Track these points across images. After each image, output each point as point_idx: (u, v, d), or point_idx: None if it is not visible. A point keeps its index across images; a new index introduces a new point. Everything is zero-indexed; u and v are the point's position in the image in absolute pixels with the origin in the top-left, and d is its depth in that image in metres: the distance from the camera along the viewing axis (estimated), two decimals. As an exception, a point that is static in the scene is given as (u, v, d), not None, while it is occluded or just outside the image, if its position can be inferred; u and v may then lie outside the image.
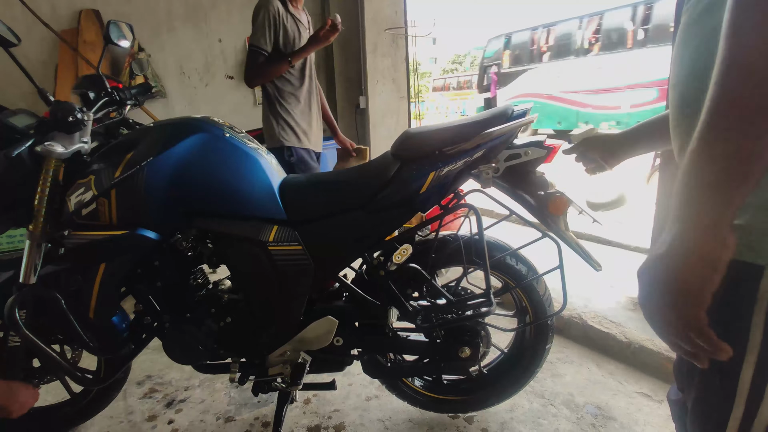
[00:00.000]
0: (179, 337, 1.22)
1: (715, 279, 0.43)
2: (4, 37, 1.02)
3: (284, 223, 1.20)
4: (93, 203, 1.11)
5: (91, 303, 1.16)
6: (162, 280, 1.24)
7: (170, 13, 3.70)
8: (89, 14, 3.64)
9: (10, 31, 1.04)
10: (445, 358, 1.29)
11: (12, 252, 2.83)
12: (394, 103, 3.53)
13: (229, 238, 1.19)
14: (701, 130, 0.43)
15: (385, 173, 1.20)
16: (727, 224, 0.42)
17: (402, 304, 1.24)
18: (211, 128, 1.20)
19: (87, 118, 1.17)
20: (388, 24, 3.36)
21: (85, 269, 1.15)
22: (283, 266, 1.19)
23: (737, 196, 0.42)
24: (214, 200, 1.18)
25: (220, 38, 3.78)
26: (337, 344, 1.28)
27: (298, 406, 1.52)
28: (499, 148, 1.18)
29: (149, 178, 1.11)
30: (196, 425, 1.45)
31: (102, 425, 1.47)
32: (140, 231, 1.14)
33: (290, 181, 1.27)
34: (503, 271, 1.31)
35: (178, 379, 1.69)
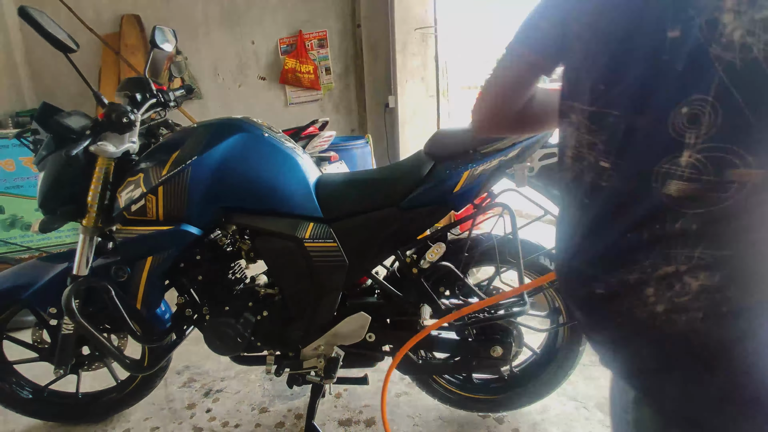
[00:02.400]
0: (218, 329, 1.27)
1: None
2: (65, 43, 1.09)
3: (320, 220, 1.23)
4: (142, 200, 1.17)
5: (138, 294, 1.22)
6: (203, 273, 1.29)
7: (206, 16, 3.82)
8: (131, 19, 3.80)
9: (69, 38, 1.11)
10: (477, 356, 1.29)
11: (59, 246, 2.99)
12: (423, 102, 3.53)
13: (267, 234, 1.23)
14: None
15: (419, 172, 1.21)
16: None
17: (434, 301, 1.25)
18: (251, 128, 1.24)
19: (136, 119, 1.23)
20: (418, 23, 3.35)
21: (133, 262, 1.22)
22: (318, 262, 1.22)
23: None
24: (252, 197, 1.22)
25: (253, 40, 3.87)
26: (370, 340, 1.30)
27: (330, 400, 1.55)
28: (534, 147, 1.17)
29: (193, 176, 1.16)
30: (233, 414, 1.50)
31: (145, 411, 1.55)
32: (184, 226, 1.19)
33: (325, 180, 1.30)
34: (537, 271, 1.30)
35: (215, 370, 1.75)
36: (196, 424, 1.47)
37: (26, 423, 1.53)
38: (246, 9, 3.83)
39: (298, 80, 3.84)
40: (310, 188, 1.25)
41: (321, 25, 3.86)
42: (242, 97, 3.94)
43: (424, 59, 3.47)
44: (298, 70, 3.80)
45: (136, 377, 1.51)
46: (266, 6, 3.82)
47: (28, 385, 1.49)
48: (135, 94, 1.35)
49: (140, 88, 1.38)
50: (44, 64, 3.69)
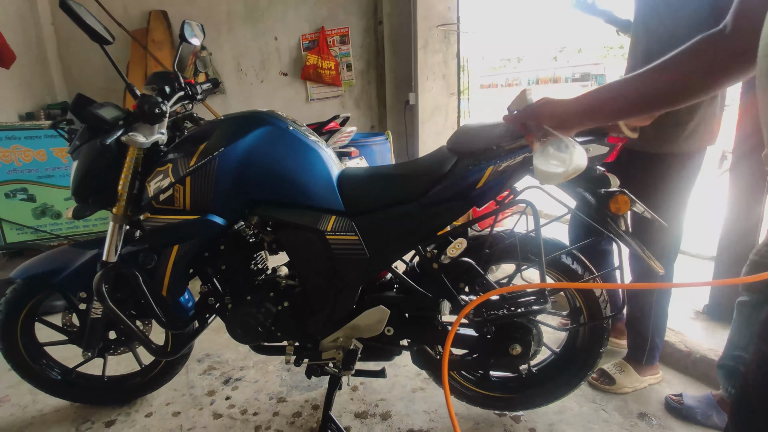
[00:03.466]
0: (240, 318, 1.30)
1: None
2: (102, 35, 1.12)
3: (342, 213, 1.24)
4: (170, 189, 1.20)
5: (164, 281, 1.26)
6: (226, 263, 1.32)
7: (230, 13, 3.88)
8: (158, 15, 3.89)
9: (106, 30, 1.14)
10: (495, 354, 1.28)
11: (88, 234, 3.09)
12: (443, 100, 3.52)
13: (289, 226, 1.25)
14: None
15: (441, 167, 1.21)
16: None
17: (454, 297, 1.25)
18: (276, 121, 1.26)
19: (167, 111, 1.26)
20: (440, 20, 3.34)
21: (160, 250, 1.25)
22: (339, 255, 1.23)
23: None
24: (276, 189, 1.23)
25: (275, 36, 3.91)
26: (388, 334, 1.30)
27: (346, 392, 1.57)
28: (561, 144, 1.16)
29: (220, 168, 1.19)
30: (251, 403, 1.53)
31: (167, 396, 1.59)
32: (210, 216, 1.22)
33: (348, 174, 1.31)
34: (558, 269, 1.28)
35: (234, 359, 1.78)
36: (216, 410, 1.51)
37: (54, 403, 1.59)
38: (269, 5, 3.87)
39: (320, 76, 3.87)
40: (332, 182, 1.26)
41: (343, 21, 3.88)
42: (264, 93, 4.00)
43: (446, 57, 3.46)
44: (319, 66, 3.84)
45: (159, 363, 1.55)
46: (289, 2, 3.86)
47: (57, 367, 1.54)
48: (163, 87, 1.39)
49: (167, 82, 1.41)
50: (74, 59, 3.81)
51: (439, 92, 3.48)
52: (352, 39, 3.91)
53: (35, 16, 3.65)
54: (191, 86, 1.48)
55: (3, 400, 1.62)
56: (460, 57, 3.48)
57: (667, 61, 0.67)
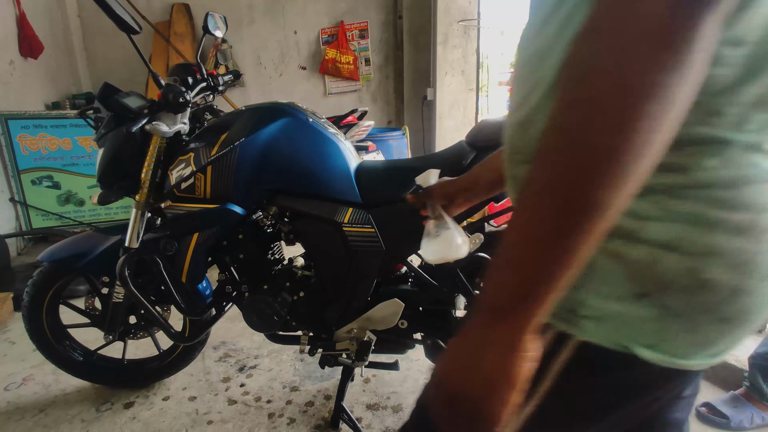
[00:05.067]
0: (256, 307, 1.32)
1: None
2: (130, 24, 1.14)
3: (359, 205, 1.25)
4: (191, 178, 1.22)
5: (184, 268, 1.28)
6: (244, 252, 1.33)
7: (251, 6, 3.91)
8: (180, 8, 3.94)
9: (133, 20, 1.16)
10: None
11: (110, 222, 3.16)
12: (461, 95, 3.49)
13: (307, 216, 1.26)
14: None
15: (460, 161, 1.21)
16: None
17: (470, 292, 1.24)
18: (296, 113, 1.27)
19: (190, 100, 1.28)
20: (461, 14, 3.31)
21: (181, 237, 1.27)
22: (356, 247, 1.24)
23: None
24: (295, 180, 1.25)
25: (295, 30, 3.93)
26: (402, 327, 1.31)
27: (358, 384, 1.58)
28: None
29: (240, 157, 1.20)
30: (265, 391, 1.55)
31: (183, 381, 1.62)
32: (229, 206, 1.23)
33: (366, 166, 1.31)
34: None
35: (249, 348, 1.81)
36: (231, 396, 1.53)
37: (76, 384, 1.64)
38: (289, -1, 3.89)
39: (338, 70, 3.88)
40: (350, 174, 1.27)
41: (363, 15, 3.88)
42: (282, 86, 4.02)
43: (465, 52, 3.43)
44: (338, 61, 3.84)
45: (176, 349, 1.59)
46: (309, -4, 3.87)
47: (79, 349, 1.59)
48: (185, 78, 1.41)
49: (189, 74, 1.43)
50: (98, 50, 3.90)
51: (458, 88, 3.46)
52: (371, 33, 3.90)
53: (62, 7, 3.74)
54: (213, 77, 1.50)
55: (27, 379, 1.68)
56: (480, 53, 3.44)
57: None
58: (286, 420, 1.42)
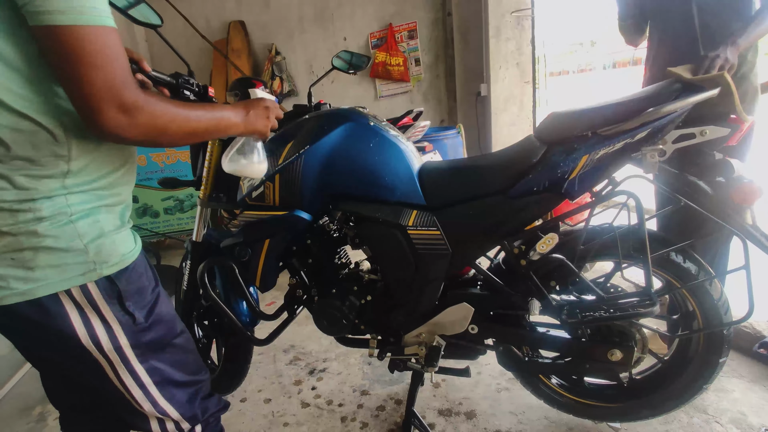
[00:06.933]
0: (326, 311, 1.33)
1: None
2: (147, 21, 1.16)
3: (423, 208, 1.22)
4: (261, 187, 1.26)
5: (257, 273, 1.33)
6: (312, 257, 1.36)
7: (301, 18, 4.02)
8: (236, 25, 4.14)
9: (154, 12, 1.19)
10: (591, 359, 1.19)
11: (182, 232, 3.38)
12: (517, 89, 3.36)
13: (371, 220, 1.25)
14: None
15: (530, 157, 1.15)
16: None
17: (544, 296, 1.18)
18: (358, 118, 1.27)
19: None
20: (514, 5, 3.19)
21: (253, 244, 1.32)
22: (421, 250, 1.21)
23: None
24: (358, 184, 1.25)
25: (344, 36, 3.99)
26: (472, 332, 1.27)
27: (428, 388, 1.55)
28: (667, 128, 1.04)
29: (306, 165, 1.22)
30: (336, 394, 1.57)
31: (258, 383, 1.69)
32: (297, 212, 1.26)
33: (429, 167, 1.29)
34: (667, 268, 1.15)
35: (317, 351, 1.85)
36: (304, 399, 1.57)
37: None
38: (337, 6, 3.96)
39: (388, 73, 3.89)
40: (413, 175, 1.25)
41: (411, 16, 3.86)
42: (334, 92, 4.09)
43: (519, 43, 3.30)
44: (388, 63, 3.85)
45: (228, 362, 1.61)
46: (356, 2, 3.91)
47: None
48: (246, 91, 1.47)
49: (248, 87, 1.49)
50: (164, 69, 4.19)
51: (513, 81, 3.33)
52: (420, 33, 3.87)
53: (131, 32, 4.06)
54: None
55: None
56: (535, 43, 3.30)
57: None
58: (359, 424, 1.43)
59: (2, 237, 0.65)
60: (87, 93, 0.60)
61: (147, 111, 0.64)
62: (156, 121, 0.66)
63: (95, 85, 0.60)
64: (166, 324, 0.82)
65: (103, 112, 0.61)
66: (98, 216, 0.72)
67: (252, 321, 1.48)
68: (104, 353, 0.74)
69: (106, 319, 0.73)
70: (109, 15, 0.63)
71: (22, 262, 0.66)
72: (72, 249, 0.69)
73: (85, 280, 0.71)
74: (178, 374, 0.84)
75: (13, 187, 0.65)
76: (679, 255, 1.16)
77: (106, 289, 0.73)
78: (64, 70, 0.60)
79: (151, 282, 0.82)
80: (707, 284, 1.13)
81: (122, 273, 0.75)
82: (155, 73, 1.16)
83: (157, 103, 0.67)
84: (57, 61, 0.60)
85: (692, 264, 1.15)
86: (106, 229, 0.73)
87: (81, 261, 0.70)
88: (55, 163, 0.67)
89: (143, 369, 0.78)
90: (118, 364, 0.76)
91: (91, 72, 0.60)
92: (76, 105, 0.62)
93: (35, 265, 0.67)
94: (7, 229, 0.65)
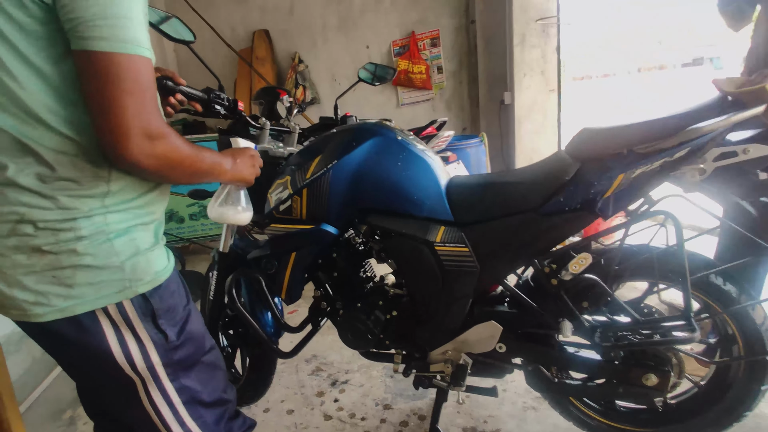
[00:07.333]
0: (351, 324, 1.33)
1: None
2: (180, 38, 1.20)
3: (451, 224, 1.21)
4: (289, 200, 1.26)
5: (283, 285, 1.33)
6: (338, 270, 1.36)
7: (325, 26, 4.06)
8: (261, 34, 4.21)
9: (187, 29, 1.22)
10: (624, 382, 1.15)
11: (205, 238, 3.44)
12: (541, 97, 3.32)
13: (398, 235, 1.25)
14: None
15: (562, 174, 1.12)
16: None
17: (576, 317, 1.15)
18: (385, 132, 1.27)
19: (265, 124, 1.36)
20: (539, 12, 3.15)
21: (280, 256, 1.33)
22: (449, 267, 1.20)
23: None
24: (385, 198, 1.24)
25: (367, 45, 4.01)
26: (500, 351, 1.24)
27: (452, 405, 1.53)
28: (708, 146, 1.00)
29: (333, 179, 1.23)
30: (359, 407, 1.57)
31: (281, 394, 1.70)
32: (324, 226, 1.26)
33: (457, 182, 1.28)
34: (706, 291, 1.11)
35: (339, 362, 1.85)
36: (326, 411, 1.57)
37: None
38: (360, 15, 3.98)
39: (410, 81, 3.88)
40: (441, 191, 1.24)
41: (434, 24, 3.85)
42: (355, 100, 4.10)
43: (544, 51, 3.25)
44: (410, 71, 3.85)
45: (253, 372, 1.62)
46: (379, 9, 3.92)
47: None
48: (270, 100, 1.49)
49: (273, 96, 1.51)
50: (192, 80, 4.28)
51: (537, 89, 3.29)
52: (443, 41, 3.86)
53: (160, 44, 4.18)
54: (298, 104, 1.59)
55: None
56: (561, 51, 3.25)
57: None
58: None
59: (44, 256, 0.67)
60: (118, 117, 0.62)
61: (168, 141, 0.67)
62: (173, 154, 0.68)
63: (127, 110, 0.62)
64: (196, 341, 0.83)
65: (130, 136, 0.63)
66: (134, 234, 0.74)
67: (276, 332, 1.48)
68: (137, 371, 0.75)
69: (139, 337, 0.74)
70: (148, 47, 0.65)
71: (61, 279, 0.68)
72: (109, 267, 0.70)
73: (120, 298, 0.72)
74: (207, 393, 0.84)
75: (56, 207, 0.67)
76: (719, 277, 1.11)
77: (140, 306, 0.74)
78: (99, 93, 0.62)
79: (183, 299, 0.83)
80: (750, 309, 1.08)
81: (156, 291, 0.76)
82: (188, 89, 1.19)
83: (177, 137, 0.69)
84: (93, 84, 0.62)
85: (733, 287, 1.10)
86: (141, 247, 0.74)
87: (117, 279, 0.71)
88: (96, 183, 0.69)
89: (173, 388, 0.79)
90: (149, 382, 0.76)
91: (125, 97, 0.62)
92: (102, 128, 0.64)
93: (74, 283, 0.68)
94: (49, 248, 0.67)
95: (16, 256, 0.67)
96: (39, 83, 0.63)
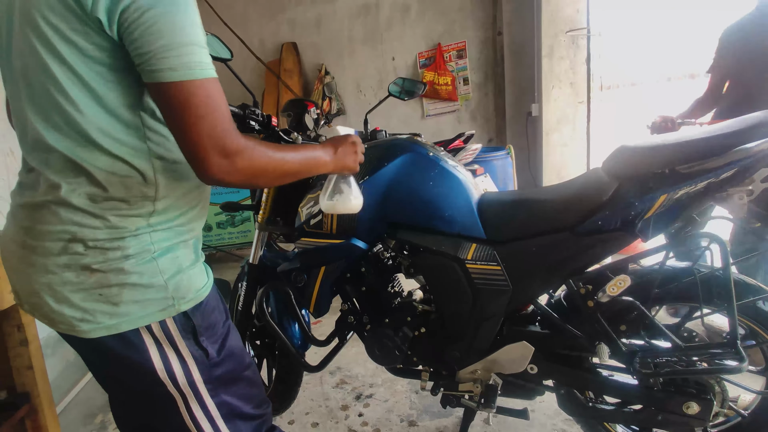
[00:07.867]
0: (378, 340, 1.32)
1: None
2: (218, 56, 1.23)
3: (483, 241, 1.19)
4: (319, 215, 1.27)
5: (312, 298, 1.34)
6: (366, 284, 1.36)
7: (351, 38, 4.11)
8: (289, 46, 4.29)
9: (224, 47, 1.26)
10: (664, 410, 1.10)
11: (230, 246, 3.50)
12: (570, 109, 3.26)
13: (428, 251, 1.24)
14: None
15: (600, 193, 1.09)
16: None
17: (614, 341, 1.11)
18: (416, 148, 1.27)
19: (295, 140, 1.37)
20: (568, 24, 3.12)
21: (309, 270, 1.33)
22: (480, 285, 1.18)
23: None
24: (416, 215, 1.24)
25: (393, 56, 4.04)
26: (531, 372, 1.21)
27: (479, 424, 1.50)
28: (756, 166, 0.96)
29: (364, 195, 1.23)
30: (383, 423, 1.55)
31: (305, 406, 1.70)
32: (353, 241, 1.26)
33: (489, 199, 1.26)
34: (754, 317, 1.06)
35: (363, 375, 1.84)
36: (351, 425, 1.56)
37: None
38: (387, 27, 4.01)
39: (436, 92, 3.88)
40: (473, 207, 1.22)
41: (459, 36, 3.85)
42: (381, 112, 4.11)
43: (573, 63, 3.21)
44: (436, 83, 3.85)
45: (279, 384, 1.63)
46: (406, 21, 3.95)
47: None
48: (299, 112, 1.51)
49: (301, 109, 1.53)
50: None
51: (566, 101, 3.24)
52: (469, 52, 3.85)
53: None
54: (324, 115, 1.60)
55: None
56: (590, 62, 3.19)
57: None
58: (407, 458, 1.39)
59: (93, 274, 0.69)
60: (194, 141, 0.64)
61: (246, 156, 0.68)
62: (254, 165, 0.69)
63: (201, 134, 0.64)
64: (236, 358, 0.84)
65: (208, 158, 0.65)
66: (177, 252, 0.75)
67: (303, 345, 1.49)
68: (179, 388, 0.76)
69: (182, 354, 0.76)
70: (212, 67, 0.67)
71: (108, 297, 0.70)
72: (154, 285, 0.72)
73: (164, 316, 0.73)
74: (246, 408, 0.85)
75: (105, 227, 0.69)
76: (766, 303, 1.06)
77: (182, 324, 0.75)
78: (174, 121, 0.65)
79: (222, 315, 0.84)
80: (802, 338, 1.02)
81: (197, 308, 0.77)
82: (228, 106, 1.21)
83: (255, 147, 0.70)
84: (168, 113, 0.65)
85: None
86: (183, 264, 0.76)
87: (161, 297, 0.73)
88: (143, 203, 0.71)
89: (213, 404, 0.79)
90: (191, 399, 0.77)
91: (198, 122, 0.64)
92: (184, 152, 0.66)
93: (120, 301, 0.70)
94: (98, 266, 0.69)
95: (65, 273, 0.69)
96: (96, 107, 0.66)
